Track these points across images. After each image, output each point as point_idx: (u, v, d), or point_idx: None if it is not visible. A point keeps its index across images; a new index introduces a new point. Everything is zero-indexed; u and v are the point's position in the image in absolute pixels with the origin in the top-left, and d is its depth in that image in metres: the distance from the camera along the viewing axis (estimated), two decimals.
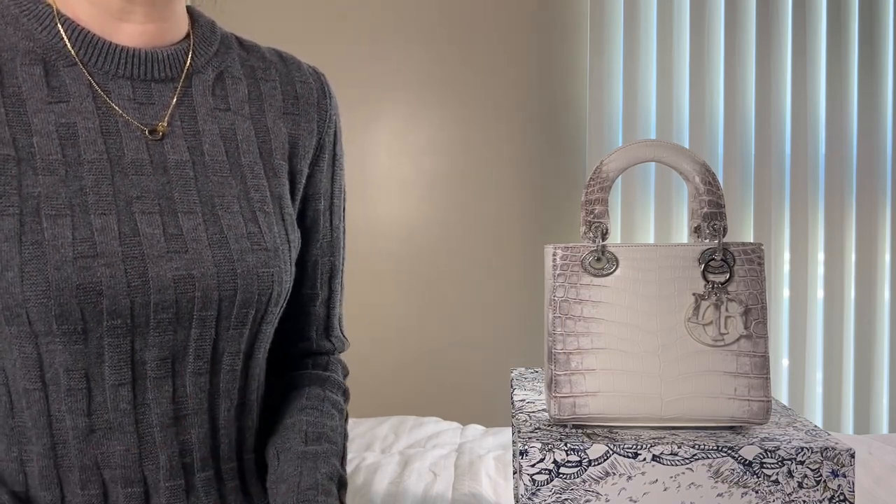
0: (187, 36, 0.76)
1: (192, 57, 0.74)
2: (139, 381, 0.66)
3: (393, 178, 2.29)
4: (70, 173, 0.64)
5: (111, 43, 0.70)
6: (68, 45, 0.68)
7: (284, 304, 0.76)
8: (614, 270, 0.66)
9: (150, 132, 0.69)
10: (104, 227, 0.64)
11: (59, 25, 0.68)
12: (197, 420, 0.70)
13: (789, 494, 0.60)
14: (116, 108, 0.69)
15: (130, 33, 0.71)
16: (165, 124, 0.70)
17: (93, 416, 0.65)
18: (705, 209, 0.68)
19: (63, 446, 0.65)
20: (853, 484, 0.60)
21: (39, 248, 0.61)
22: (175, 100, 0.72)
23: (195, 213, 0.69)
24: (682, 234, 2.22)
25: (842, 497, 0.60)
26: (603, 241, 0.67)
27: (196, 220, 0.68)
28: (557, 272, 0.66)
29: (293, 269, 0.77)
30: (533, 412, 0.72)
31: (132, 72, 0.70)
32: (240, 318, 0.70)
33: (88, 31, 0.69)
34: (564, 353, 0.65)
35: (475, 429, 1.66)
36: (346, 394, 0.87)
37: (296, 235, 0.78)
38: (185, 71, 0.73)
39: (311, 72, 0.84)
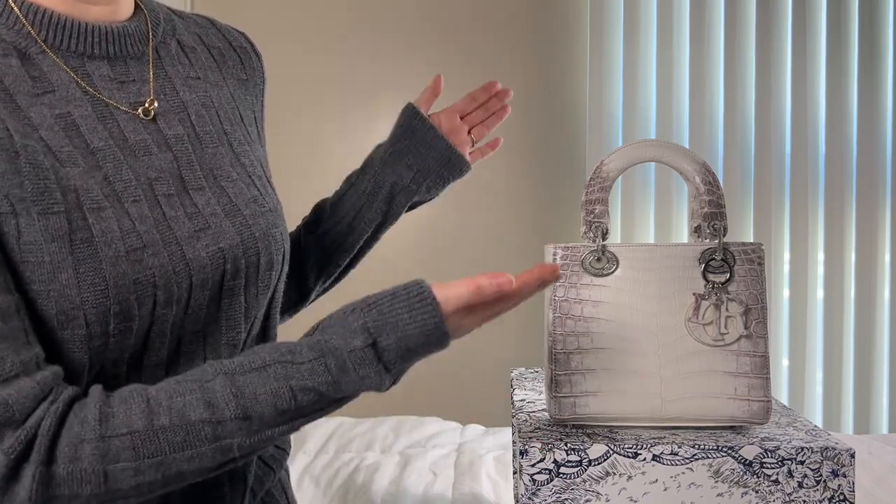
0: (137, 9, 0.73)
1: (151, 29, 0.73)
2: (172, 356, 0.66)
3: None
4: (88, 163, 0.62)
5: (80, 22, 0.66)
6: (32, 31, 0.64)
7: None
8: (614, 270, 0.66)
9: (143, 112, 0.68)
10: (141, 216, 0.62)
11: (17, 10, 0.64)
12: None
13: (789, 494, 0.60)
14: (101, 90, 0.66)
15: (97, 14, 0.68)
16: (154, 101, 0.69)
17: None
18: (705, 209, 0.68)
19: None
20: (853, 484, 0.60)
21: (91, 245, 0.58)
22: (152, 74, 0.70)
23: (203, 188, 0.68)
24: (682, 234, 2.22)
25: (842, 497, 0.60)
26: (603, 240, 0.67)
27: (206, 195, 0.68)
28: None
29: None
30: (533, 412, 0.72)
31: (107, 50, 0.68)
32: (265, 281, 0.71)
33: (53, 12, 0.65)
34: (564, 352, 0.65)
35: (475, 429, 1.66)
36: None
37: (278, 195, 0.79)
38: (150, 44, 0.72)
39: (239, 33, 0.85)
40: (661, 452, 0.61)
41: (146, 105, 0.68)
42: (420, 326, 0.60)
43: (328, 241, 0.93)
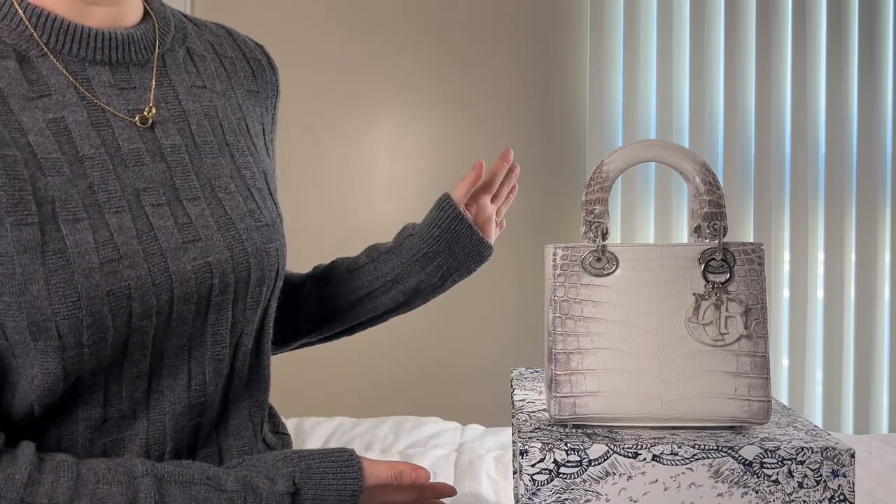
0: (146, 15, 0.72)
1: (159, 36, 0.72)
2: (155, 369, 0.66)
3: (393, 178, 2.29)
4: (74, 171, 0.61)
5: (83, 27, 0.65)
6: (35, 34, 0.63)
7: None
8: (614, 270, 0.66)
9: (140, 119, 0.67)
10: (121, 227, 0.61)
11: (20, 12, 0.63)
12: (209, 402, 0.70)
13: (789, 494, 0.60)
14: (100, 96, 0.65)
15: (102, 16, 0.67)
16: (152, 109, 0.68)
17: (107, 406, 0.64)
18: (705, 209, 0.68)
19: (70, 437, 0.64)
20: (853, 484, 0.60)
21: (63, 257, 0.58)
22: (154, 82, 0.70)
23: (198, 198, 0.67)
24: (682, 234, 2.22)
25: (842, 497, 0.60)
26: (603, 240, 0.67)
27: (201, 206, 0.67)
28: (557, 272, 0.66)
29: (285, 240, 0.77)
30: (533, 412, 0.72)
31: (110, 56, 0.67)
32: (254, 297, 0.70)
33: (56, 16, 0.64)
34: (564, 352, 0.65)
35: (475, 429, 1.66)
36: None
37: (280, 208, 0.78)
38: (156, 51, 0.71)
39: (255, 45, 0.84)
40: (661, 452, 0.61)
41: (144, 113, 0.67)
42: (339, 490, 0.65)
43: (331, 305, 0.91)
